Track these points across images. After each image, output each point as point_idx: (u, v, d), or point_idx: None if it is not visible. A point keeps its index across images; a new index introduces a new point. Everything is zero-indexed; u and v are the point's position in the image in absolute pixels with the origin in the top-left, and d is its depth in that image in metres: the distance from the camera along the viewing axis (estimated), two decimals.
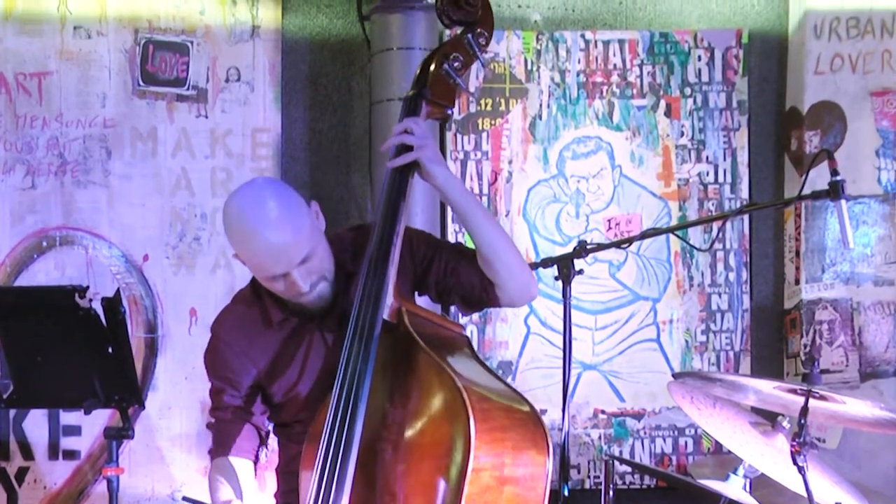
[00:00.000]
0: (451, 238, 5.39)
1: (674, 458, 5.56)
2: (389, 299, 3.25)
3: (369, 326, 3.22)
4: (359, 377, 3.18)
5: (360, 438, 3.15)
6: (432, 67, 3.42)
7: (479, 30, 3.43)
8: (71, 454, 5.29)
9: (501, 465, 3.12)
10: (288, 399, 3.49)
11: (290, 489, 3.46)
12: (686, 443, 5.57)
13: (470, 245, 3.43)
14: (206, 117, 5.40)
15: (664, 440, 5.56)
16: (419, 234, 3.52)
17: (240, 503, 3.39)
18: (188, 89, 5.40)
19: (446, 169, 3.35)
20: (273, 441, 3.62)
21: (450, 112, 3.46)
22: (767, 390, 3.80)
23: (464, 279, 3.43)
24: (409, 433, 3.16)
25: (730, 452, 4.02)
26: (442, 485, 3.08)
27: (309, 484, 3.18)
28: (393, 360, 3.24)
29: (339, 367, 3.22)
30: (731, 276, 5.59)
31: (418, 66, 3.48)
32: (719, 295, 5.59)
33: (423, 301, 3.54)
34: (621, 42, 5.60)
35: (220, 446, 3.51)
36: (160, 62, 5.38)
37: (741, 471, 3.95)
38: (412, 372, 3.19)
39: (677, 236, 5.35)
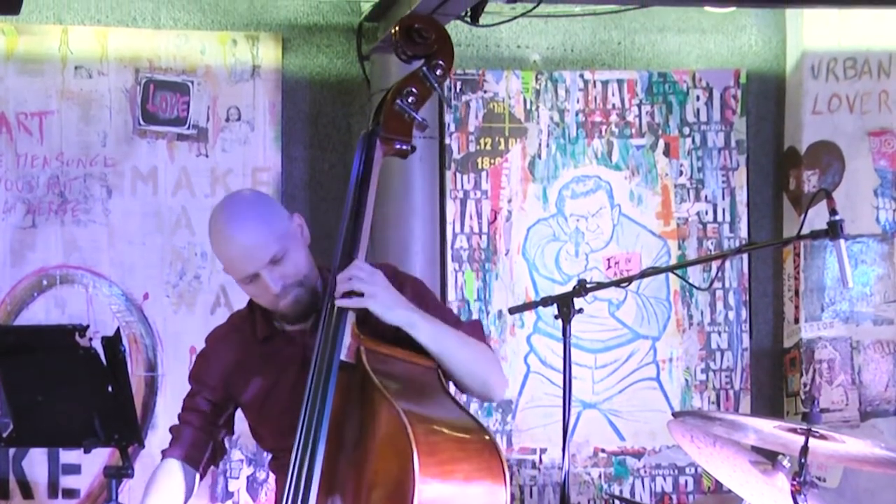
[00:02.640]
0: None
1: (674, 496, 5.55)
2: (347, 339, 3.27)
3: (327, 369, 3.24)
4: (317, 421, 3.21)
5: (321, 481, 3.18)
6: (387, 102, 3.39)
7: (434, 61, 3.37)
8: (70, 493, 5.27)
9: (451, 498, 3.13)
10: (266, 420, 3.52)
11: None
12: (686, 482, 5.55)
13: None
14: (207, 156, 5.41)
15: (664, 479, 5.55)
16: (412, 288, 3.50)
17: None
18: (189, 128, 5.41)
19: (403, 308, 3.29)
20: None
21: (405, 148, 3.40)
22: (767, 429, 3.80)
23: None
24: (364, 473, 3.19)
25: (730, 491, 4.02)
26: None
27: None
28: (352, 400, 3.26)
29: (301, 411, 3.25)
30: (731, 314, 5.59)
31: (379, 99, 3.45)
32: (719, 334, 5.59)
33: None
34: (620, 82, 5.63)
35: (173, 447, 3.54)
36: (161, 101, 5.39)
37: None
38: (368, 411, 3.21)
39: (677, 275, 5.34)
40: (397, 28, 3.39)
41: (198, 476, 3.56)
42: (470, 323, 3.49)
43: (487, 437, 3.24)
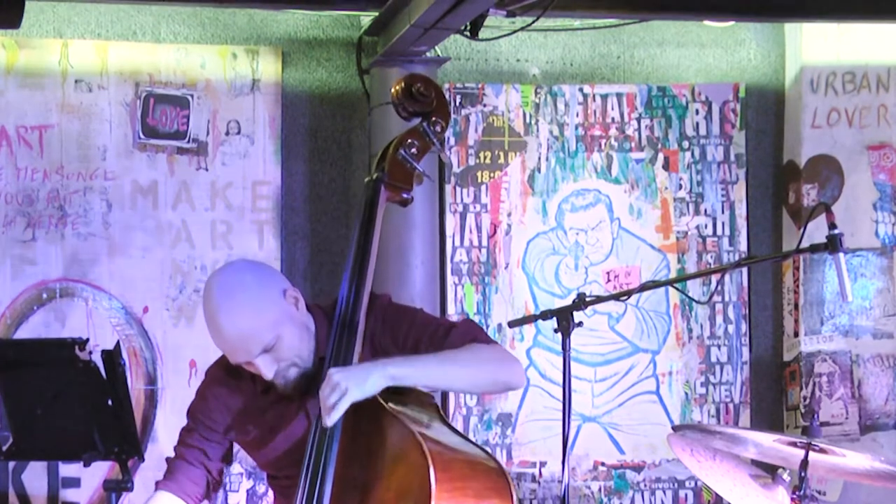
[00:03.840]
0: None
1: None
2: None
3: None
4: (327, 445, 3.25)
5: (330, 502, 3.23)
6: (390, 152, 3.52)
7: (434, 118, 3.55)
8: None
9: None
10: (265, 458, 3.54)
11: None
12: (686, 495, 5.55)
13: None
14: (207, 170, 5.42)
15: (664, 493, 5.54)
16: (408, 323, 3.49)
17: None
18: (188, 142, 5.42)
19: (375, 375, 3.26)
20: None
21: (407, 196, 3.53)
22: (767, 443, 3.81)
23: None
24: (375, 492, 3.23)
25: None
26: None
27: None
28: (360, 426, 3.29)
29: (308, 438, 3.29)
30: (731, 328, 5.59)
31: (380, 150, 3.59)
32: (718, 347, 5.59)
33: None
34: (619, 96, 5.64)
35: (168, 480, 3.57)
36: (161, 115, 5.40)
37: None
38: (377, 434, 3.26)
39: (676, 289, 5.35)
40: (399, 87, 3.56)
41: None
42: (461, 324, 3.48)
43: (494, 462, 3.30)
